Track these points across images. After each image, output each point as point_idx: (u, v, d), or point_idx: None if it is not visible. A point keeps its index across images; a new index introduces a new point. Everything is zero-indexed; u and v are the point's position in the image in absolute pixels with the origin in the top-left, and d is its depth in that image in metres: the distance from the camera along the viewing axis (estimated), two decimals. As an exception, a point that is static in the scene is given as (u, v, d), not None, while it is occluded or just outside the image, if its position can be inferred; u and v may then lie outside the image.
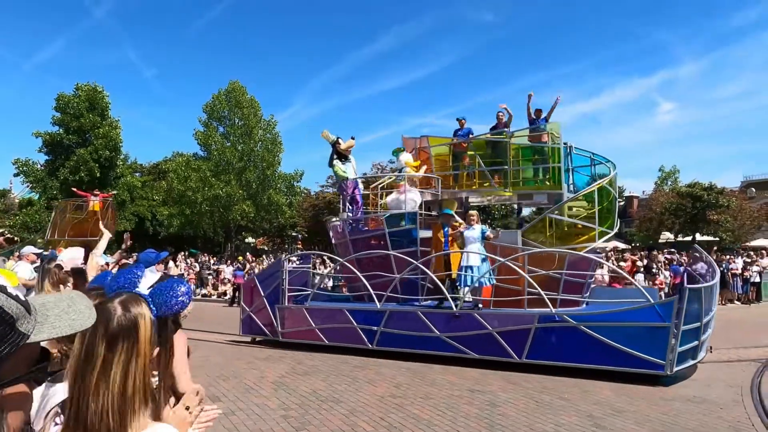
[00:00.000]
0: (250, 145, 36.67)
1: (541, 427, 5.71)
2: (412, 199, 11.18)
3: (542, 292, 8.42)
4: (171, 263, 22.13)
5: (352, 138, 12.11)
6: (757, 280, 20.10)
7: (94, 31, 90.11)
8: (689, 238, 37.24)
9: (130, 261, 8.34)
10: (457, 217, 10.44)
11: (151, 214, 39.21)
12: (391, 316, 9.66)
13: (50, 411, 1.36)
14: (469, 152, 12.27)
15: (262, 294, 11.24)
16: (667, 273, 17.64)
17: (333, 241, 12.95)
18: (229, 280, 23.05)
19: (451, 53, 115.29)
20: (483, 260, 9.30)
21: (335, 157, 11.89)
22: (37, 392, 1.44)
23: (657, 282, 16.44)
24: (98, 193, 18.69)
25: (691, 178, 47.92)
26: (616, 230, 10.92)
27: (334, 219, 13.41)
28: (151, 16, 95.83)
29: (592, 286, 11.22)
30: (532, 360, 8.38)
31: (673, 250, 25.15)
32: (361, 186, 12.50)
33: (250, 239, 48.14)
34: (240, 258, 26.49)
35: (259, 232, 44.46)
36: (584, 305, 9.73)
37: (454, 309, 9.11)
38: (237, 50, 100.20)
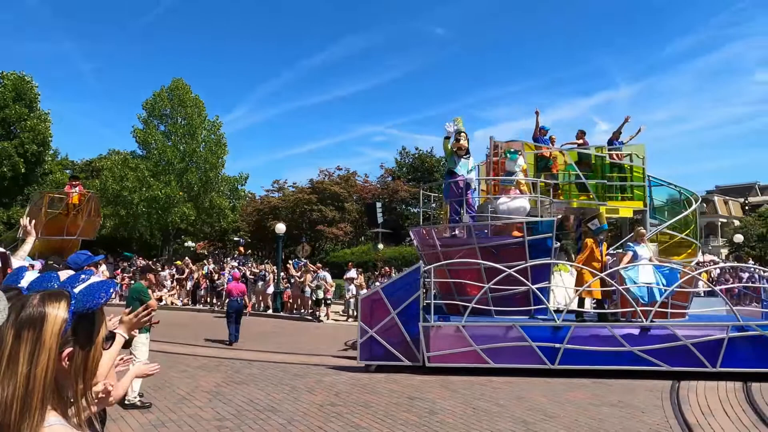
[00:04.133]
0: (193, 145, 35.47)
1: (477, 434, 5.83)
2: (523, 205, 10.44)
3: (732, 307, 9.19)
4: (103, 266, 21.00)
5: (457, 141, 10.73)
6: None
7: (24, 17, 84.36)
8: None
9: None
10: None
11: (82, 214, 37.04)
12: (574, 331, 8.94)
13: None
14: (560, 162, 12.23)
15: (392, 310, 9.26)
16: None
17: (420, 247, 11.74)
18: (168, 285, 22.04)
19: (402, 65, 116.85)
20: (660, 275, 9.39)
21: (454, 151, 10.76)
22: None
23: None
24: (77, 183, 15.95)
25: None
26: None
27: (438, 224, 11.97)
28: (92, 8, 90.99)
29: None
30: (725, 368, 8.48)
31: None
32: (474, 186, 11.08)
33: (189, 243, 46.41)
34: (178, 262, 25.46)
35: (200, 235, 42.99)
36: (687, 316, 9.92)
37: (645, 321, 8.84)
38: (182, 50, 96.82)
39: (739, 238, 33.07)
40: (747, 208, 53.57)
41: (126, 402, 6.50)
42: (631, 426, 6.19)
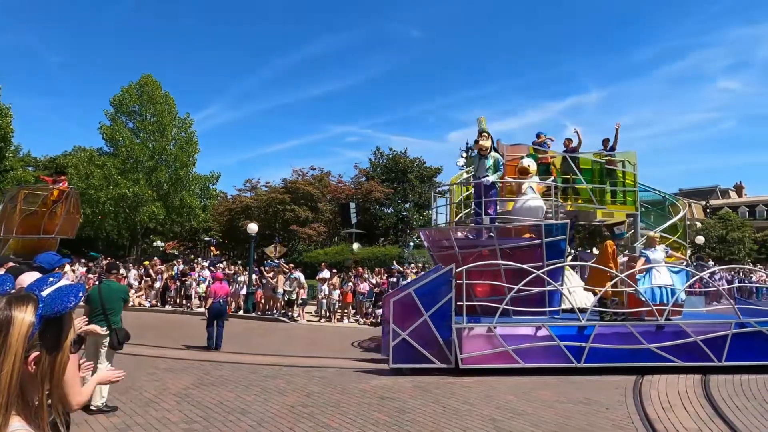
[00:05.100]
0: (163, 143, 34.76)
1: (447, 432, 5.91)
2: (541, 207, 10.63)
3: (734, 306, 9.75)
4: (68, 268, 20.31)
5: (476, 142, 11.03)
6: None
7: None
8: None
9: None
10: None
11: (45, 212, 35.82)
12: (598, 330, 9.22)
13: None
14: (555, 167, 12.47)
15: (424, 312, 9.11)
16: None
17: (431, 248, 11.77)
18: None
19: (377, 66, 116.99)
20: (676, 277, 9.86)
21: (475, 152, 11.07)
22: None
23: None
24: (58, 177, 14.56)
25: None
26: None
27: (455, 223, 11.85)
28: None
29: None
30: (733, 362, 8.94)
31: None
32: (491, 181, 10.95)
33: (159, 243, 45.42)
34: (147, 263, 24.89)
35: (170, 235, 42.15)
36: (682, 314, 10.22)
37: (660, 320, 9.21)
38: (153, 46, 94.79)
39: (700, 239, 34.33)
40: (708, 210, 55.50)
41: (92, 407, 6.34)
42: (595, 422, 6.37)
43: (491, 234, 10.45)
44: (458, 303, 9.15)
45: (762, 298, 16.79)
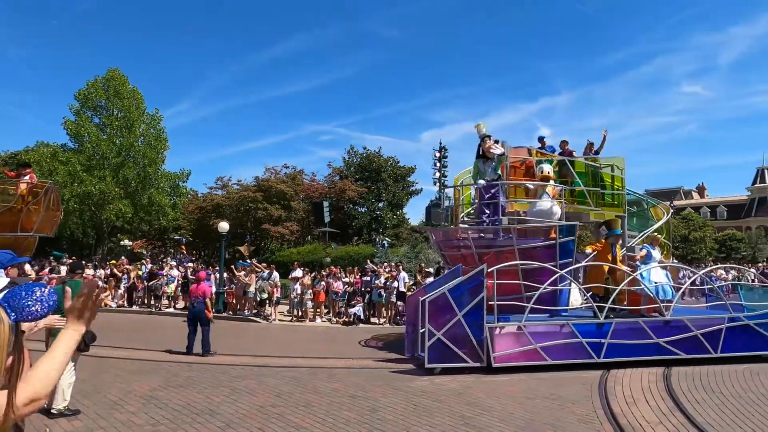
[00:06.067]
0: (130, 139, 33.90)
1: (417, 429, 5.95)
2: (555, 210, 11.00)
3: (726, 302, 10.36)
4: (27, 267, 19.60)
5: (497, 141, 11.31)
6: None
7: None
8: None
9: None
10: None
11: (5, 210, 34.50)
12: (615, 326, 9.56)
13: None
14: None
15: (458, 312, 9.10)
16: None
17: (442, 247, 12.03)
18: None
19: (351, 65, 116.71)
20: (666, 276, 10.50)
21: (478, 158, 11.33)
22: None
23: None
24: (23, 170, 13.47)
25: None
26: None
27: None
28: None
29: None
30: (727, 353, 9.57)
31: None
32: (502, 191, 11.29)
33: (126, 242, 44.29)
34: (113, 262, 24.25)
35: (138, 234, 41.15)
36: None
37: (666, 315, 9.70)
38: (121, 40, 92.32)
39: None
40: (672, 210, 57.66)
41: (53, 411, 6.14)
42: (561, 417, 6.51)
43: (510, 235, 10.80)
44: (494, 303, 9.34)
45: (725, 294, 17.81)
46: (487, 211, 10.86)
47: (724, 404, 7.02)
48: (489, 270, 9.40)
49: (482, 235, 11.28)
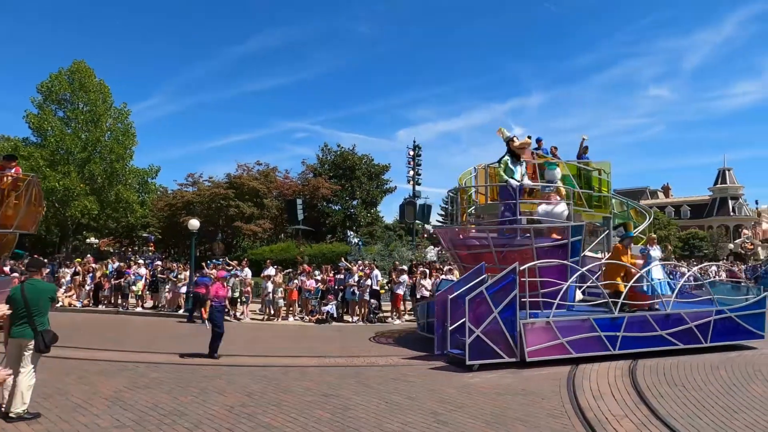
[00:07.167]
0: (96, 134, 32.89)
1: (389, 427, 5.95)
2: (565, 211, 11.49)
3: (713, 296, 11.23)
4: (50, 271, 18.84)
5: (529, 137, 11.78)
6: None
7: None
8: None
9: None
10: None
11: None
12: (628, 320, 10.17)
13: None
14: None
15: (494, 309, 9.29)
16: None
17: (451, 245, 12.35)
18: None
19: (326, 62, 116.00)
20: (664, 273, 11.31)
21: (508, 155, 11.62)
22: None
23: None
24: (8, 163, 12.55)
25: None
26: None
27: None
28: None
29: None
30: (715, 343, 10.60)
31: None
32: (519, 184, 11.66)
33: (92, 239, 42.97)
34: (78, 260, 23.50)
35: (104, 231, 39.99)
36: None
37: (667, 309, 10.45)
38: (87, 31, 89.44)
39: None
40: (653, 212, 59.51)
41: (11, 415, 5.90)
42: (531, 411, 6.61)
43: (527, 234, 11.27)
44: (526, 300, 9.64)
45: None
46: (508, 213, 11.47)
47: (686, 397, 7.26)
48: (521, 268, 9.68)
49: (499, 235, 11.76)
